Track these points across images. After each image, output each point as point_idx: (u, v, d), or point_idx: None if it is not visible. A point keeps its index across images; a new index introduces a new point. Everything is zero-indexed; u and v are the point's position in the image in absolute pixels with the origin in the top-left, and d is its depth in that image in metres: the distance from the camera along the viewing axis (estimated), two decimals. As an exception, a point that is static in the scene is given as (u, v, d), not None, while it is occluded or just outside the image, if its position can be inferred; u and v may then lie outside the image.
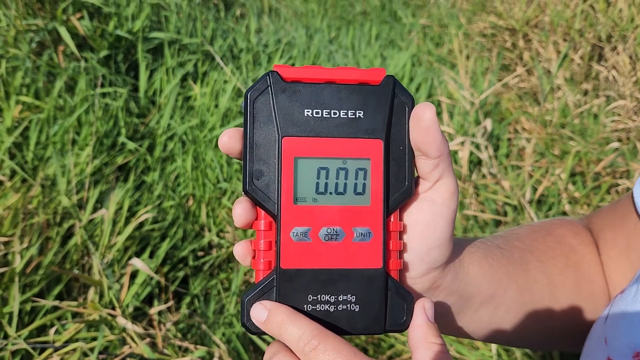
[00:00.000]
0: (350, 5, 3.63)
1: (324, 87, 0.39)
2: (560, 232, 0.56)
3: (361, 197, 0.40)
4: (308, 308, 0.39)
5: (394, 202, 0.40)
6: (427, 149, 0.39)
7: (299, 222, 0.39)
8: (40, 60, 1.99)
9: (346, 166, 0.39)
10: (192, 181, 1.81)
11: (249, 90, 0.39)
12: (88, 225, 1.50)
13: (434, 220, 0.41)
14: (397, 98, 0.40)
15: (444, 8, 3.42)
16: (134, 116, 2.03)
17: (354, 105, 0.39)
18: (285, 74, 0.39)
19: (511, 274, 0.49)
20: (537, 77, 2.66)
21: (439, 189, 0.41)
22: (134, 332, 1.11)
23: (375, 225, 0.40)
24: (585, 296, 0.53)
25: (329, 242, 0.39)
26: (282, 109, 0.39)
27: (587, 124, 2.25)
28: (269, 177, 0.39)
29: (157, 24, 2.47)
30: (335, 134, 0.39)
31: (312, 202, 0.39)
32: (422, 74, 2.54)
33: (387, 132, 0.40)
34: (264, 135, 0.39)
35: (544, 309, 0.51)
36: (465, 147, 1.79)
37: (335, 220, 0.39)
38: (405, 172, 0.40)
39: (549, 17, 2.86)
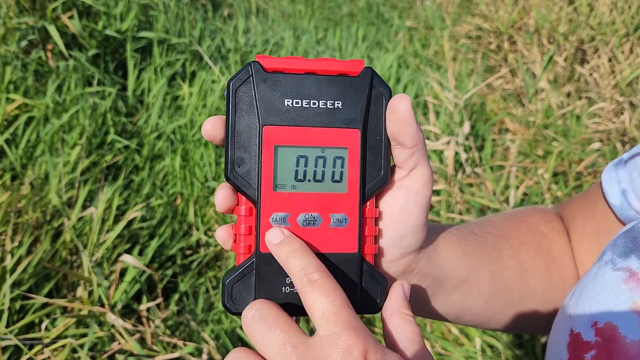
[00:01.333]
0: (337, 6, 3.66)
1: (304, 78, 0.41)
2: (532, 220, 0.59)
3: (338, 184, 0.41)
4: (286, 290, 0.41)
5: (370, 190, 0.42)
6: (403, 139, 0.40)
7: (278, 208, 0.40)
8: (28, 59, 1.99)
9: (324, 155, 0.41)
10: (180, 180, 1.82)
11: (232, 80, 0.40)
12: (77, 223, 1.51)
13: (409, 207, 0.42)
14: (374, 89, 0.41)
15: (430, 10, 3.46)
16: (122, 115, 2.04)
17: (333, 96, 0.41)
18: (267, 64, 0.40)
19: (484, 259, 0.51)
20: (521, 79, 2.71)
21: (414, 177, 0.42)
22: (123, 328, 1.12)
23: (351, 212, 0.41)
24: (556, 281, 0.55)
25: (306, 227, 0.41)
26: (263, 99, 0.40)
27: (570, 125, 2.30)
28: (250, 165, 0.40)
29: (145, 24, 2.47)
30: (315, 124, 0.41)
31: (291, 189, 0.41)
32: (409, 75, 2.57)
33: (365, 122, 0.41)
34: (245, 124, 0.40)
35: (515, 293, 0.53)
36: (450, 146, 1.82)
37: (313, 207, 0.41)
38: (382, 160, 0.42)
39: (533, 20, 2.91)
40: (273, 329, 0.36)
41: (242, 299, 0.41)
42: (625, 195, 0.53)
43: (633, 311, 0.41)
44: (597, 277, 0.45)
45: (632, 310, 0.41)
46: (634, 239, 0.45)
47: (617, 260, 0.44)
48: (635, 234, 0.45)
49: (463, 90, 2.36)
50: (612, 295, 0.42)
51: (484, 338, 1.44)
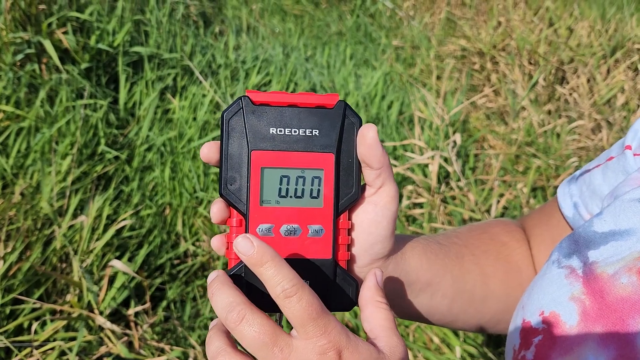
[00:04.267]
0: (326, 25, 3.74)
1: (286, 110, 0.47)
2: (494, 231, 0.66)
3: (316, 200, 0.48)
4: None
5: (343, 205, 0.48)
6: (371, 162, 0.47)
7: (264, 220, 0.47)
8: (22, 72, 2.03)
9: (304, 175, 0.47)
10: (170, 191, 1.86)
11: (225, 112, 0.47)
12: (68, 231, 1.53)
13: (377, 220, 0.49)
14: (347, 119, 0.48)
15: (416, 30, 3.55)
16: (114, 127, 2.08)
17: (311, 125, 0.48)
18: (255, 98, 0.47)
19: (447, 265, 0.57)
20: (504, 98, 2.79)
21: (381, 194, 0.48)
22: (111, 331, 1.15)
23: (326, 224, 0.48)
24: (514, 284, 0.62)
25: (288, 237, 0.47)
26: (252, 127, 0.47)
27: (551, 142, 2.37)
28: (240, 183, 0.47)
29: (138, 39, 2.52)
30: (295, 149, 0.47)
31: (275, 204, 0.47)
32: (394, 92, 2.64)
33: (338, 147, 0.48)
34: (237, 149, 0.47)
35: (477, 295, 0.59)
36: (435, 160, 1.88)
37: (294, 219, 0.47)
38: (353, 180, 0.48)
39: (515, 42, 3.00)
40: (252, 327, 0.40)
41: None
42: (577, 207, 0.61)
43: (570, 300, 0.46)
44: (545, 274, 0.51)
45: (570, 299, 0.47)
46: (576, 242, 0.51)
47: (562, 259, 0.51)
48: (577, 238, 0.51)
49: (448, 107, 2.43)
50: (555, 288, 0.48)
51: (464, 347, 1.48)
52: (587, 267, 0.48)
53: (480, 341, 1.53)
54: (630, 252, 0.46)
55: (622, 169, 0.56)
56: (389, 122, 2.38)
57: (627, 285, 0.44)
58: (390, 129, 2.31)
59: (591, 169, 0.61)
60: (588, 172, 0.61)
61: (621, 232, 0.48)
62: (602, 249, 0.48)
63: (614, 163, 0.58)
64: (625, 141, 0.58)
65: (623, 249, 0.47)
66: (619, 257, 0.46)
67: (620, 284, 0.44)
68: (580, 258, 0.49)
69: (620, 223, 0.48)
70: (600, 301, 0.45)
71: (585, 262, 0.48)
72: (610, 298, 0.44)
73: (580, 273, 0.48)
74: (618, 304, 0.43)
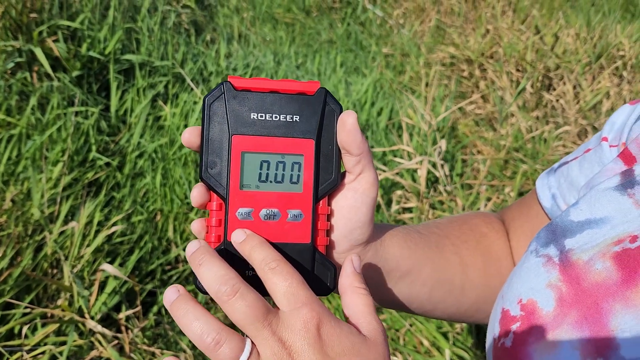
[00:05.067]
0: (317, 33, 3.78)
1: (268, 95, 0.48)
2: (474, 222, 0.67)
3: (295, 185, 0.48)
4: (249, 273, 0.48)
5: (323, 190, 0.49)
6: (350, 148, 0.47)
7: (244, 204, 0.47)
8: (13, 79, 2.04)
9: (284, 160, 0.48)
10: (161, 197, 1.87)
11: (207, 96, 0.48)
12: (59, 238, 1.54)
13: (356, 206, 0.49)
14: (328, 106, 0.49)
15: (406, 38, 3.59)
16: (105, 134, 2.09)
17: (292, 111, 0.48)
18: (237, 84, 0.47)
19: (427, 254, 0.58)
20: (492, 104, 2.83)
21: (361, 181, 0.49)
22: (101, 335, 1.16)
23: (305, 209, 0.48)
24: (493, 274, 0.63)
25: (267, 221, 0.48)
26: (233, 112, 0.47)
27: (539, 148, 2.41)
28: (221, 167, 0.47)
29: (129, 47, 2.54)
30: (276, 134, 0.48)
31: (255, 189, 0.48)
32: (384, 99, 2.67)
33: (319, 133, 0.48)
34: (218, 133, 0.47)
35: (456, 284, 0.61)
36: (423, 165, 1.90)
37: (273, 204, 0.48)
38: (333, 166, 0.49)
39: (502, 49, 3.05)
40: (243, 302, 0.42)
41: None
42: (555, 199, 0.62)
43: (547, 287, 0.48)
44: (523, 264, 0.53)
45: (547, 287, 0.48)
46: (553, 231, 0.52)
47: (540, 249, 0.52)
48: (554, 227, 0.52)
49: (436, 114, 2.47)
50: (533, 276, 0.50)
51: (454, 350, 1.50)
52: (563, 254, 0.49)
53: (470, 344, 1.54)
54: (604, 239, 0.47)
55: (599, 160, 0.58)
56: (378, 128, 2.40)
57: (602, 270, 0.45)
58: (380, 135, 2.34)
59: (569, 161, 0.62)
60: (566, 164, 0.62)
61: (596, 220, 0.49)
62: (578, 237, 0.49)
63: (591, 155, 0.59)
64: (602, 133, 0.59)
65: (598, 236, 0.48)
66: (593, 243, 0.47)
67: (595, 269, 0.45)
68: (557, 247, 0.50)
69: (595, 211, 0.49)
70: (576, 287, 0.46)
71: (562, 250, 0.49)
72: (586, 284, 0.45)
73: (556, 261, 0.49)
74: (593, 289, 0.45)
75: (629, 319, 0.42)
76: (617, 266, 0.45)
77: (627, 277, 0.43)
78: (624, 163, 0.52)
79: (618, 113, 0.58)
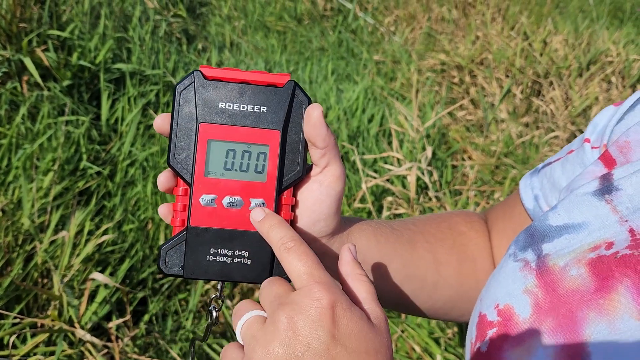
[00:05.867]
0: (308, 41, 3.80)
1: (237, 86, 0.49)
2: (454, 220, 0.67)
3: (260, 175, 0.49)
4: (210, 258, 0.49)
5: (287, 181, 0.50)
6: (315, 141, 0.48)
7: (208, 190, 0.48)
8: (3, 89, 2.04)
9: (250, 150, 0.49)
10: (152, 205, 1.87)
11: (177, 84, 0.49)
12: (49, 247, 1.54)
13: (321, 199, 0.50)
14: (296, 98, 0.49)
15: (397, 45, 3.62)
16: (96, 143, 2.09)
17: (260, 102, 0.49)
18: (208, 73, 0.48)
19: (397, 249, 0.59)
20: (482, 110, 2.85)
21: (327, 174, 0.50)
22: (91, 344, 1.16)
23: (268, 198, 0.49)
24: (467, 272, 0.63)
25: (230, 208, 0.49)
26: (202, 101, 0.48)
27: (529, 153, 2.42)
28: (187, 154, 0.48)
29: (120, 56, 2.55)
30: (243, 124, 0.49)
31: (220, 176, 0.49)
32: (375, 106, 2.68)
33: (285, 125, 0.49)
34: (186, 121, 0.48)
35: (428, 281, 0.61)
36: (412, 172, 1.91)
37: (237, 192, 0.49)
38: (299, 158, 0.50)
39: (492, 55, 3.07)
40: (271, 286, 0.45)
41: (174, 264, 0.49)
42: (537, 200, 0.62)
43: (524, 292, 0.48)
44: (501, 268, 0.53)
45: (523, 292, 0.48)
46: (531, 235, 0.52)
47: (518, 253, 0.52)
48: (532, 231, 0.53)
49: (426, 120, 2.48)
50: (510, 281, 0.50)
51: (445, 355, 1.50)
52: (540, 259, 0.49)
53: (461, 349, 1.55)
54: (581, 245, 0.47)
55: (580, 161, 0.58)
56: (369, 135, 2.42)
57: (577, 277, 0.45)
58: (371, 142, 2.35)
59: (552, 162, 0.62)
60: (549, 165, 0.62)
61: (574, 225, 0.49)
62: (556, 242, 0.49)
63: (574, 156, 0.59)
64: (585, 134, 0.59)
65: (575, 241, 0.48)
66: (570, 249, 0.47)
67: (570, 276, 0.45)
68: (534, 251, 0.50)
69: (573, 217, 0.49)
70: (552, 294, 0.46)
71: (539, 255, 0.49)
72: (561, 290, 0.45)
73: (533, 266, 0.49)
74: (568, 296, 0.45)
75: (602, 327, 0.42)
76: (591, 273, 0.44)
77: (601, 285, 0.43)
78: (604, 165, 0.52)
79: (601, 114, 0.59)
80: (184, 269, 0.49)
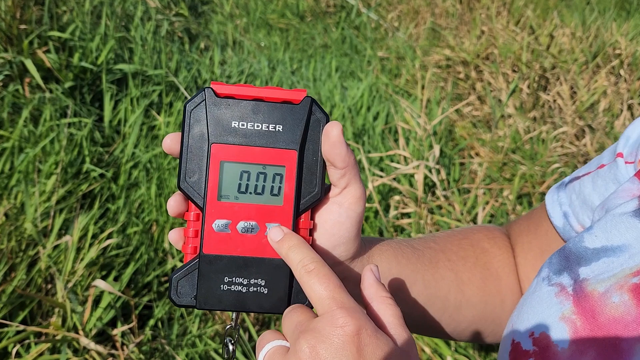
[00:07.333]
0: (311, 38, 3.76)
1: (250, 103, 0.46)
2: (476, 237, 0.63)
3: (276, 197, 0.46)
4: (224, 288, 0.46)
5: (305, 204, 0.47)
6: (334, 161, 0.45)
7: (221, 215, 0.46)
8: (5, 92, 2.02)
9: (265, 171, 0.46)
10: (156, 208, 1.85)
11: (187, 102, 0.46)
12: (53, 252, 1.52)
13: (340, 221, 0.47)
14: (313, 115, 0.47)
15: (401, 41, 3.58)
16: (99, 145, 2.07)
17: (275, 120, 0.46)
18: (220, 90, 0.46)
19: (419, 270, 0.56)
20: (489, 106, 2.81)
21: (346, 195, 0.47)
22: (96, 352, 1.13)
23: (285, 222, 0.46)
24: (492, 292, 0.60)
25: (245, 234, 0.46)
26: (214, 120, 0.46)
27: (537, 149, 2.39)
28: (199, 176, 0.46)
29: (122, 56, 2.52)
30: (257, 144, 0.46)
31: (234, 200, 0.46)
32: (380, 103, 2.65)
33: (302, 144, 0.46)
34: (197, 141, 0.46)
35: (451, 302, 0.58)
36: (420, 170, 1.89)
37: (252, 216, 0.46)
38: (317, 179, 0.47)
39: (498, 50, 3.03)
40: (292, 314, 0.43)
41: (186, 293, 0.47)
42: (567, 217, 0.58)
43: (561, 320, 0.44)
44: (535, 292, 0.49)
45: (560, 320, 0.45)
46: (566, 258, 0.49)
47: (552, 276, 0.49)
48: (567, 253, 0.49)
49: (433, 117, 2.45)
50: (545, 307, 0.47)
51: (456, 356, 1.47)
52: (577, 284, 0.46)
53: (471, 351, 1.52)
54: (622, 269, 0.44)
55: (614, 177, 0.54)
56: (374, 133, 2.39)
57: (619, 304, 0.42)
58: (377, 140, 2.32)
59: (581, 176, 0.58)
60: (578, 179, 0.59)
61: (613, 248, 0.46)
62: (594, 266, 0.46)
63: (605, 171, 0.55)
64: (617, 148, 0.55)
65: (615, 265, 0.45)
66: (610, 274, 0.44)
67: (611, 303, 0.42)
68: (570, 275, 0.47)
69: (612, 239, 0.46)
70: (591, 322, 0.43)
71: (576, 280, 0.46)
72: (602, 318, 0.42)
73: (570, 291, 0.46)
74: (610, 325, 0.41)
75: None
76: (636, 300, 0.41)
77: None
78: None
79: (634, 126, 0.55)
80: (197, 300, 0.46)
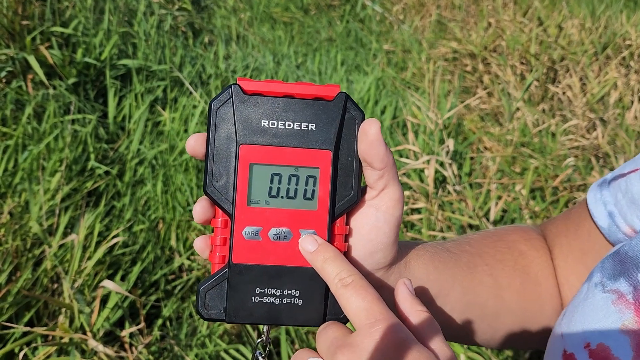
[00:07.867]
0: (316, 32, 3.72)
1: (280, 100, 0.43)
2: (512, 238, 0.60)
3: (309, 202, 0.43)
4: (255, 300, 0.43)
5: (340, 208, 0.44)
6: (372, 161, 0.42)
7: (251, 222, 0.43)
8: (8, 88, 1.99)
9: (297, 173, 0.43)
10: (162, 205, 1.82)
11: (213, 100, 0.43)
12: (58, 251, 1.49)
13: (378, 226, 0.44)
14: (348, 113, 0.43)
15: (407, 34, 3.54)
16: (103, 142, 2.04)
17: (307, 118, 0.43)
18: (247, 87, 0.43)
19: (456, 275, 0.52)
20: (497, 99, 2.77)
21: (384, 197, 0.44)
22: (104, 354, 1.11)
23: (320, 228, 0.43)
24: (531, 297, 0.56)
25: (277, 241, 0.43)
26: (241, 119, 0.42)
27: (546, 142, 2.35)
28: (227, 180, 0.43)
29: (125, 52, 2.49)
30: (289, 144, 0.43)
31: (265, 205, 0.43)
32: (387, 97, 2.62)
33: (337, 143, 0.43)
34: (224, 142, 0.43)
35: (489, 309, 0.54)
36: (430, 165, 1.85)
37: (284, 222, 0.43)
38: (352, 181, 0.44)
39: (505, 42, 2.99)
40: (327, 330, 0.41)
41: (215, 306, 0.43)
42: (613, 217, 0.54)
43: (622, 331, 0.41)
44: (587, 299, 0.46)
45: (621, 331, 0.41)
46: (622, 262, 0.45)
47: (607, 282, 0.45)
48: (622, 257, 0.46)
49: (441, 111, 2.41)
50: (602, 316, 0.43)
51: (469, 354, 1.45)
52: (638, 291, 0.42)
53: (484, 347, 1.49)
54: None
55: None
56: (382, 127, 2.35)
57: None
58: (385, 134, 2.29)
59: (626, 173, 0.54)
60: (623, 176, 0.55)
61: None
62: None
63: None
64: None
65: None
66: None
67: None
68: (628, 281, 0.43)
69: None
70: None
71: (636, 286, 0.43)
72: None
73: (630, 299, 0.42)
74: None
75: None
76: None
77: None
78: None
79: None
80: (227, 313, 0.43)
